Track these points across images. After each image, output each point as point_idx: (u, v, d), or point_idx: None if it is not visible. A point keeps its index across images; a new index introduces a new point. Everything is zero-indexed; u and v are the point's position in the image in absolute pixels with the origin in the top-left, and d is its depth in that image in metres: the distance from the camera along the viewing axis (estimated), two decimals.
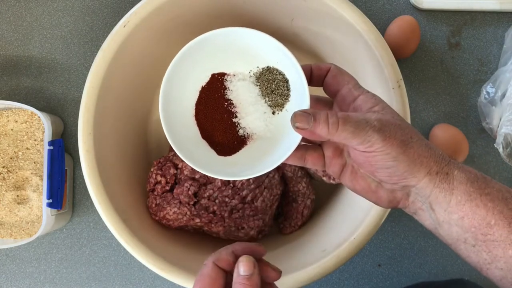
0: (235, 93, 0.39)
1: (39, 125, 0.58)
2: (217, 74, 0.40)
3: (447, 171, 0.32)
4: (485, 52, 0.62)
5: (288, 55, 0.36)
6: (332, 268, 0.44)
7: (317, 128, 0.31)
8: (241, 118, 0.39)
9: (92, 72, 0.47)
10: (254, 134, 0.39)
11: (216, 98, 0.40)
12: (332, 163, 0.37)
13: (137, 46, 0.50)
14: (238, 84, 0.39)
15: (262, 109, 0.39)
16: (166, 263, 0.45)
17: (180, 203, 0.50)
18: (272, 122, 0.39)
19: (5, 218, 0.58)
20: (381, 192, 0.34)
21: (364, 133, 0.30)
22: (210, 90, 0.40)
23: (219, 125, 0.39)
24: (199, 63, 0.39)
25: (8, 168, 0.58)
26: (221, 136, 0.39)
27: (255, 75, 0.39)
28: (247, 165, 0.38)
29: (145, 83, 0.56)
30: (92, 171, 0.46)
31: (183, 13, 0.51)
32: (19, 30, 0.63)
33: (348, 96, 0.35)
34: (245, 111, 0.39)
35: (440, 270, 0.60)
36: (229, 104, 0.39)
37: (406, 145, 0.31)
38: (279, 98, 0.38)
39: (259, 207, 0.50)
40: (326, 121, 0.31)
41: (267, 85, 0.39)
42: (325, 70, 0.36)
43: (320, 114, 0.32)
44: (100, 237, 0.61)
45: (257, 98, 0.39)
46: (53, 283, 0.61)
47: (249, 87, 0.39)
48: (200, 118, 0.40)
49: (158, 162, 0.52)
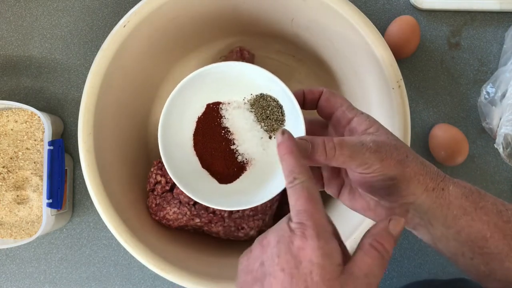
0: (231, 121, 0.40)
1: (39, 125, 0.58)
2: (212, 104, 0.41)
3: (442, 186, 0.32)
4: (485, 52, 0.62)
5: (279, 84, 0.37)
6: None
7: (315, 154, 0.32)
8: (239, 145, 0.40)
9: (92, 72, 0.47)
10: (253, 159, 0.40)
11: (213, 127, 0.41)
12: (330, 183, 0.37)
13: (137, 46, 0.50)
14: (234, 112, 0.40)
15: (258, 134, 0.40)
16: (166, 263, 0.45)
17: (180, 203, 0.50)
18: (270, 146, 0.40)
19: (5, 218, 0.58)
20: (379, 210, 0.35)
21: (361, 156, 0.31)
22: (206, 120, 0.41)
23: (218, 153, 0.40)
24: (195, 95, 0.40)
25: (8, 168, 0.58)
26: (220, 164, 0.40)
27: (249, 102, 0.40)
28: (250, 192, 0.39)
29: (145, 83, 0.56)
30: (92, 171, 0.46)
31: (183, 13, 0.51)
32: (19, 30, 0.63)
33: (343, 118, 0.35)
34: (242, 138, 0.40)
35: (440, 270, 0.60)
36: (226, 132, 0.40)
37: (402, 164, 0.32)
38: (275, 123, 0.39)
39: (259, 207, 0.50)
40: (323, 147, 0.31)
41: (261, 111, 0.40)
42: (317, 94, 0.37)
43: (317, 140, 0.32)
44: (100, 237, 0.61)
45: (253, 124, 0.40)
46: (53, 283, 0.61)
47: (244, 114, 0.40)
48: (199, 148, 0.41)
49: (158, 162, 0.52)
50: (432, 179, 0.32)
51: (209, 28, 0.55)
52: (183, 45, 0.57)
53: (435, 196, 0.32)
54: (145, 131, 0.59)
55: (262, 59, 0.59)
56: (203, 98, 0.41)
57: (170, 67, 0.59)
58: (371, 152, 0.31)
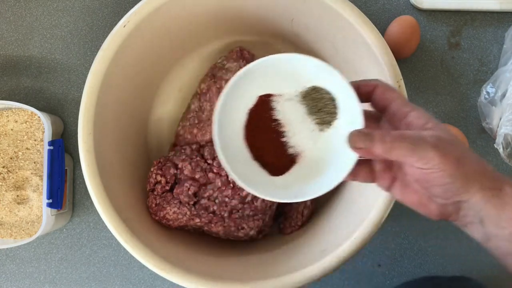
0: (282, 113, 0.40)
1: (39, 125, 0.58)
2: (264, 96, 0.40)
3: (499, 186, 0.32)
4: (485, 52, 0.62)
5: (336, 76, 0.36)
6: (332, 268, 0.44)
7: (374, 147, 0.32)
8: (290, 137, 0.40)
9: (92, 72, 0.47)
10: (303, 152, 0.40)
11: (264, 119, 0.40)
12: (382, 177, 0.37)
13: (137, 46, 0.50)
14: (285, 104, 0.40)
15: (309, 127, 0.39)
16: (166, 263, 0.45)
17: (180, 203, 0.50)
18: (321, 140, 0.40)
19: (5, 218, 0.58)
20: (432, 206, 0.34)
21: (421, 150, 0.31)
22: (258, 112, 0.40)
23: (269, 145, 0.40)
24: (247, 87, 0.40)
25: (8, 168, 0.58)
26: (271, 156, 0.40)
27: (301, 94, 0.40)
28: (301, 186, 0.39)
29: (145, 83, 0.56)
30: (92, 171, 0.46)
31: (183, 13, 0.51)
32: (19, 30, 0.63)
33: (399, 112, 0.35)
34: (293, 130, 0.40)
35: (440, 270, 0.60)
36: (277, 124, 0.40)
37: (461, 162, 0.31)
38: (327, 116, 0.39)
39: (259, 207, 0.50)
40: (382, 140, 0.32)
41: (313, 103, 0.39)
42: (371, 86, 0.36)
43: (375, 133, 0.32)
44: (100, 237, 0.61)
45: (304, 117, 0.39)
46: (53, 283, 0.61)
47: (296, 106, 0.40)
48: (250, 140, 0.40)
49: (158, 162, 0.52)
50: (489, 179, 0.32)
51: (209, 28, 0.55)
52: (183, 45, 0.57)
53: (491, 195, 0.31)
54: (145, 131, 0.59)
55: None
56: (254, 90, 0.40)
57: (170, 67, 0.59)
58: (431, 147, 0.31)
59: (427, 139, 0.31)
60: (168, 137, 0.59)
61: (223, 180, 0.50)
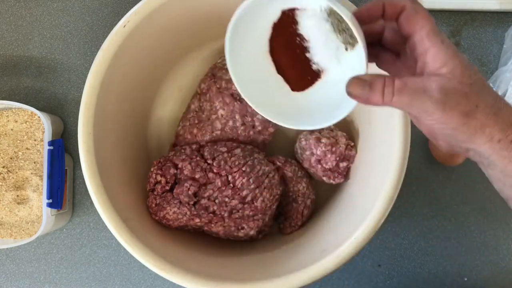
0: (306, 28, 0.38)
1: (39, 125, 0.58)
2: (288, 10, 0.39)
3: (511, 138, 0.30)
4: (485, 52, 0.62)
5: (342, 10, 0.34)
6: (332, 268, 0.44)
7: (372, 97, 0.31)
8: (314, 54, 0.39)
9: (92, 72, 0.47)
10: (327, 70, 0.39)
11: (289, 34, 0.39)
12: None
13: (137, 46, 0.50)
14: (309, 19, 0.38)
15: (334, 45, 0.38)
16: (166, 263, 0.45)
17: (180, 203, 0.50)
18: (345, 60, 0.38)
19: (5, 218, 0.58)
20: (441, 142, 0.34)
21: (421, 105, 0.30)
22: (282, 26, 0.39)
23: (293, 60, 0.39)
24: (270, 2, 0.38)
25: (8, 168, 0.58)
26: (294, 71, 0.39)
27: (325, 10, 0.38)
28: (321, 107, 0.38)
29: (145, 83, 0.56)
30: (92, 171, 0.46)
31: (183, 13, 0.51)
32: (19, 30, 0.63)
33: (419, 45, 0.32)
34: (317, 46, 0.38)
35: (440, 270, 0.60)
36: (302, 39, 0.39)
37: (468, 116, 0.30)
38: (349, 38, 0.37)
39: (259, 207, 0.50)
40: (381, 90, 0.30)
41: (338, 22, 0.37)
42: (399, 8, 0.32)
43: (377, 82, 0.31)
44: (100, 237, 0.61)
45: (328, 34, 0.38)
46: (53, 283, 0.61)
47: (321, 22, 0.38)
48: (275, 54, 0.40)
49: (158, 162, 0.52)
50: (501, 130, 0.30)
51: (209, 28, 0.55)
52: (183, 45, 0.57)
53: (499, 148, 0.31)
54: (145, 131, 0.59)
55: None
56: (278, 4, 0.39)
57: (170, 67, 0.59)
58: (433, 102, 0.29)
59: (431, 92, 0.30)
60: (168, 137, 0.59)
61: (223, 180, 0.50)
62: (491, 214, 0.60)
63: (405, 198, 0.59)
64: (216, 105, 0.55)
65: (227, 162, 0.51)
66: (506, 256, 0.59)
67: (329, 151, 0.51)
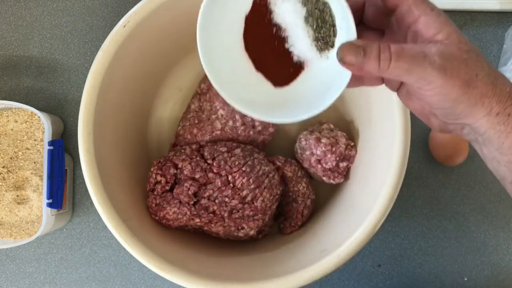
0: (281, 16, 0.35)
1: (39, 125, 0.58)
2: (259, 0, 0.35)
3: (509, 112, 0.29)
4: (485, 52, 0.62)
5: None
6: (332, 268, 0.44)
7: (367, 64, 0.28)
8: (293, 44, 0.35)
9: (92, 72, 0.47)
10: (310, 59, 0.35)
11: (263, 25, 0.36)
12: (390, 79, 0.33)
13: (137, 46, 0.50)
14: (284, 5, 0.35)
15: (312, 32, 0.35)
16: (166, 263, 0.45)
17: (180, 203, 0.50)
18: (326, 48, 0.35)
19: (5, 218, 0.58)
20: (433, 119, 0.32)
21: (421, 71, 0.27)
22: (255, 18, 0.36)
23: (272, 54, 0.36)
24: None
25: (8, 168, 0.58)
26: (275, 65, 0.36)
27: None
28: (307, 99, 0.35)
29: (145, 83, 0.56)
30: (92, 171, 0.46)
31: (183, 13, 0.51)
32: (19, 30, 0.63)
33: (408, 15, 0.29)
34: (295, 35, 0.35)
35: (440, 270, 0.60)
36: (278, 29, 0.36)
37: (469, 85, 0.28)
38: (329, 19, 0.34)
39: (259, 207, 0.50)
40: (377, 56, 0.27)
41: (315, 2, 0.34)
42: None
43: (371, 47, 0.28)
44: (100, 237, 0.61)
45: (308, 19, 0.34)
46: (53, 283, 0.61)
47: (296, 7, 0.35)
48: (251, 49, 0.36)
49: (158, 162, 0.52)
50: (499, 102, 0.29)
51: None
52: (183, 45, 0.57)
53: (496, 122, 0.29)
54: (145, 131, 0.59)
55: None
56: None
57: (170, 67, 0.59)
58: (434, 68, 0.27)
59: (431, 57, 0.27)
60: (168, 137, 0.59)
61: (223, 180, 0.50)
62: (491, 214, 0.60)
63: (405, 198, 0.60)
64: (216, 105, 0.55)
65: (227, 162, 0.51)
66: (506, 256, 0.59)
67: (329, 151, 0.51)
